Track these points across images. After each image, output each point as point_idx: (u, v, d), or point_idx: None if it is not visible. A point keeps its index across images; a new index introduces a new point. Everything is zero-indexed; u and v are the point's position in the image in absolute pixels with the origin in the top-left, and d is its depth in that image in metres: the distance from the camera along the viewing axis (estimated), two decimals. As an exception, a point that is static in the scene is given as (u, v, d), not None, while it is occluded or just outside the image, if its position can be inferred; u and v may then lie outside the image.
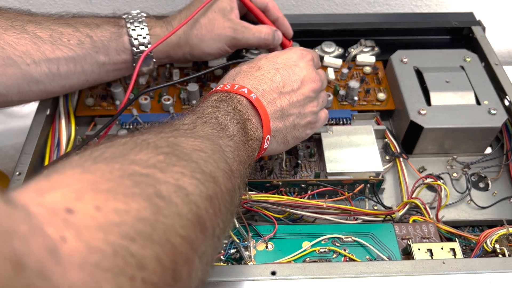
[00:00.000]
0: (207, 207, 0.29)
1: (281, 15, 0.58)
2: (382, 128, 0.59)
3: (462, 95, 0.57)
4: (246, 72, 0.46)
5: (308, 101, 0.47)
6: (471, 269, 0.41)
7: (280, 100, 0.45)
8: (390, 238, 0.47)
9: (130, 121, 0.57)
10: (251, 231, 0.47)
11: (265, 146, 0.43)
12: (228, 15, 0.54)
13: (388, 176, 0.56)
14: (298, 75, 0.46)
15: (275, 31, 0.56)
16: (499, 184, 0.55)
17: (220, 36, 0.54)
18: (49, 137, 0.56)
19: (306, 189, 0.51)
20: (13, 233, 0.19)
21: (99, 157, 0.28)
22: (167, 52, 0.55)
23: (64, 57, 0.49)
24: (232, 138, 0.38)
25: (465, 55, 0.63)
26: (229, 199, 0.33)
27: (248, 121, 0.41)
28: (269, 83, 0.45)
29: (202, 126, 0.37)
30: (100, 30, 0.51)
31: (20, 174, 0.50)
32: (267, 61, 0.47)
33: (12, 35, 0.47)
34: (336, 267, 0.41)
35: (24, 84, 0.48)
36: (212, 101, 0.41)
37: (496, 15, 0.86)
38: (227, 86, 0.43)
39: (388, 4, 0.85)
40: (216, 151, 0.34)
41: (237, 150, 0.37)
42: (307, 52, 0.49)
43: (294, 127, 0.46)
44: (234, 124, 0.39)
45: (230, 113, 0.40)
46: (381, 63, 0.66)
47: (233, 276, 0.41)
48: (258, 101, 0.43)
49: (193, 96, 0.60)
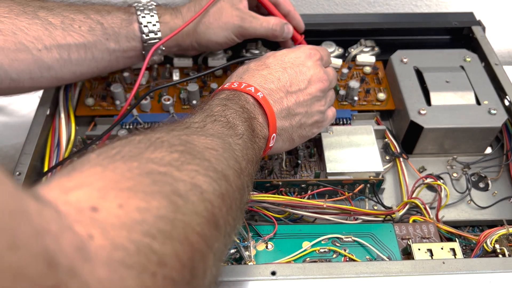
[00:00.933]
0: (220, 205, 0.30)
1: (292, 8, 0.58)
2: (382, 128, 0.59)
3: (462, 95, 0.57)
4: (254, 70, 0.46)
5: (315, 100, 0.47)
6: (471, 269, 0.41)
7: (286, 99, 0.45)
8: (390, 238, 0.47)
9: (130, 121, 0.57)
10: (251, 231, 0.47)
11: (270, 144, 0.44)
12: (236, 5, 0.54)
13: (388, 176, 0.56)
14: (305, 75, 0.46)
15: (285, 24, 0.56)
16: (499, 184, 0.55)
17: (227, 24, 0.54)
18: (49, 137, 0.56)
19: (306, 189, 0.51)
20: (45, 231, 0.20)
21: (117, 155, 0.28)
22: (175, 40, 0.55)
23: (75, 43, 0.49)
24: (241, 137, 0.38)
25: (465, 55, 0.63)
26: (239, 197, 0.34)
27: (255, 119, 0.42)
28: (276, 82, 0.45)
29: (212, 124, 0.37)
30: (111, 17, 0.52)
31: (20, 174, 0.50)
32: (275, 60, 0.47)
33: (24, 20, 0.47)
34: (336, 267, 0.41)
35: (35, 69, 0.48)
36: (221, 99, 0.41)
37: (496, 15, 0.86)
38: (234, 84, 0.43)
39: (388, 4, 0.85)
40: (227, 149, 0.35)
41: (245, 149, 0.38)
42: (315, 51, 0.49)
43: (300, 126, 0.47)
44: (242, 122, 0.39)
45: (238, 112, 0.40)
46: (381, 63, 0.66)
47: (233, 276, 0.41)
48: (265, 99, 0.43)
49: (193, 96, 0.60)
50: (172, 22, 0.54)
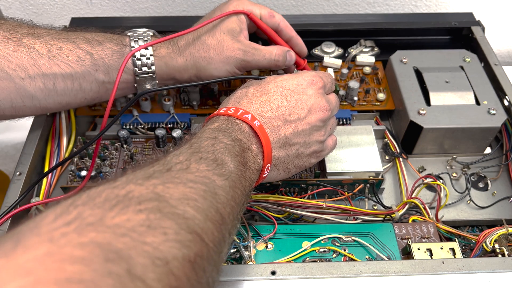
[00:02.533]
0: (188, 273, 0.28)
1: (294, 34, 0.56)
2: (382, 128, 0.59)
3: (462, 95, 0.57)
4: (252, 96, 0.44)
5: (315, 130, 0.45)
6: (471, 269, 0.41)
7: (284, 128, 0.43)
8: (390, 238, 0.47)
9: (130, 121, 0.58)
10: (251, 231, 0.47)
11: (264, 174, 0.42)
12: (237, 37, 0.51)
13: (388, 176, 0.56)
14: (305, 103, 0.44)
15: (287, 52, 0.54)
16: (499, 184, 0.55)
17: (229, 58, 0.51)
18: (50, 137, 0.56)
19: (306, 189, 0.52)
20: None
21: (74, 221, 0.26)
22: (171, 75, 0.52)
23: (61, 73, 0.47)
24: (228, 177, 0.36)
25: (465, 55, 0.63)
26: (215, 252, 0.31)
27: (249, 150, 0.40)
28: (275, 110, 0.43)
29: (197, 164, 0.35)
30: (102, 48, 0.49)
31: (20, 174, 0.50)
32: (275, 86, 0.45)
33: (8, 47, 0.45)
34: (335, 267, 0.41)
35: (17, 98, 0.46)
36: (212, 130, 0.40)
37: (495, 15, 0.86)
38: (231, 110, 0.42)
39: (388, 4, 0.85)
40: (207, 197, 0.32)
41: (232, 190, 0.35)
42: (318, 78, 0.47)
43: (297, 156, 0.45)
44: (232, 158, 0.37)
45: (229, 146, 0.38)
46: (381, 63, 0.66)
47: (233, 276, 0.41)
48: (261, 128, 0.41)
49: (193, 97, 0.60)
50: (168, 56, 0.51)
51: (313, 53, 0.67)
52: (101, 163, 0.54)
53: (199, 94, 0.60)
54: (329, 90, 0.49)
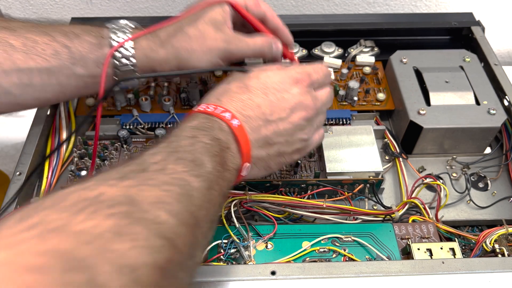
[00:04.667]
0: (157, 280, 0.26)
1: (281, 24, 0.54)
2: (382, 128, 0.59)
3: (462, 95, 0.57)
4: (233, 93, 0.42)
5: (298, 130, 0.44)
6: (471, 269, 0.41)
7: (265, 128, 0.42)
8: (390, 238, 0.47)
9: (130, 121, 0.58)
10: (251, 231, 0.47)
11: (243, 173, 0.41)
12: (220, 27, 0.49)
13: (388, 176, 0.56)
14: (288, 102, 0.43)
15: (273, 41, 0.51)
16: (499, 184, 0.55)
17: (212, 49, 0.49)
18: (50, 137, 0.56)
19: (306, 189, 0.52)
20: None
21: (38, 225, 0.24)
22: (152, 67, 0.49)
23: (37, 67, 0.45)
24: (206, 178, 0.35)
25: (465, 55, 0.63)
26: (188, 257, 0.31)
27: (228, 150, 0.39)
28: (256, 109, 0.42)
29: (174, 164, 0.34)
30: (80, 41, 0.47)
31: (20, 174, 0.50)
32: (258, 83, 0.43)
33: None
34: (335, 267, 0.41)
35: None
36: (191, 129, 0.38)
37: (495, 15, 0.86)
38: (210, 108, 0.41)
39: (387, 4, 0.85)
40: (183, 200, 0.31)
41: (209, 192, 0.34)
42: (304, 75, 0.45)
43: (279, 155, 0.44)
44: (211, 158, 0.36)
45: (208, 145, 0.37)
46: (381, 63, 0.66)
47: (233, 275, 0.41)
48: (241, 128, 0.40)
49: (193, 96, 0.60)
50: (149, 48, 0.48)
51: (313, 53, 0.67)
52: (101, 163, 0.54)
53: (199, 94, 0.60)
54: (321, 85, 0.47)
